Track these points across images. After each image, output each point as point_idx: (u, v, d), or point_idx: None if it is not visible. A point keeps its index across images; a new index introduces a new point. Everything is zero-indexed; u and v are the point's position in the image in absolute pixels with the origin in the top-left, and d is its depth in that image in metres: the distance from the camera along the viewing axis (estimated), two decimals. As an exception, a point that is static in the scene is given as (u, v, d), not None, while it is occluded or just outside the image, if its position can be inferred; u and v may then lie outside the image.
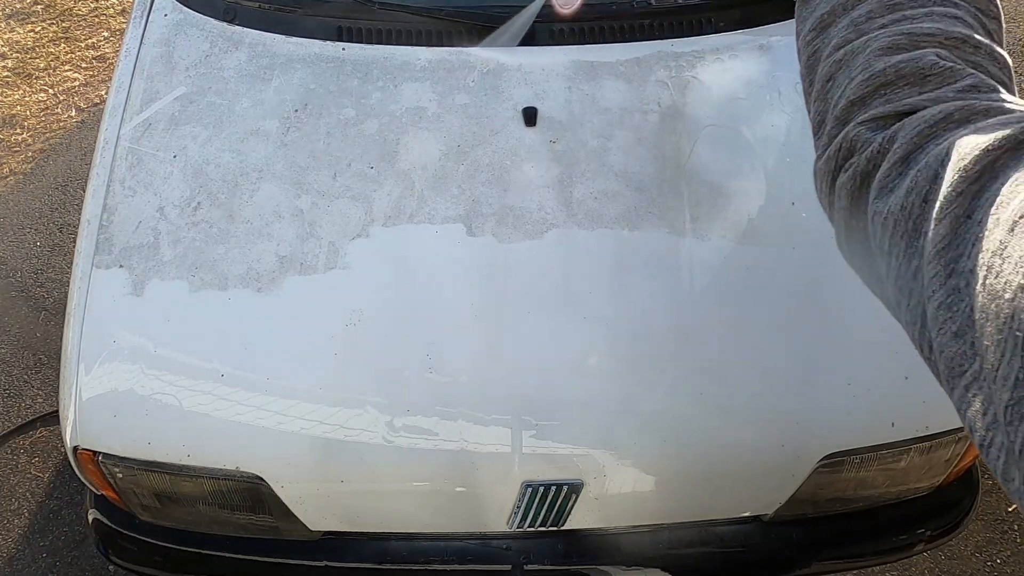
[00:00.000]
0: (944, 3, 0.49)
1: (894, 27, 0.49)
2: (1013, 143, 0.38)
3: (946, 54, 0.47)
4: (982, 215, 0.37)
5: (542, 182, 1.21)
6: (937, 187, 0.40)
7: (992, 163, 0.38)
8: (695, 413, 1.07)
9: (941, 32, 0.48)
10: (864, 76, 0.48)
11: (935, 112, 0.43)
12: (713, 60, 1.33)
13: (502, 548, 1.24)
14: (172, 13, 1.42)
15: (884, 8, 0.50)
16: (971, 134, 0.41)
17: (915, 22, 0.49)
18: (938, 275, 0.38)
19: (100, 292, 1.14)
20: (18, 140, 2.92)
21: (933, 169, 0.41)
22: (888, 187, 0.44)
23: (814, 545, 1.27)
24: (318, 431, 1.05)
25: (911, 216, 0.41)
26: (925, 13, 0.49)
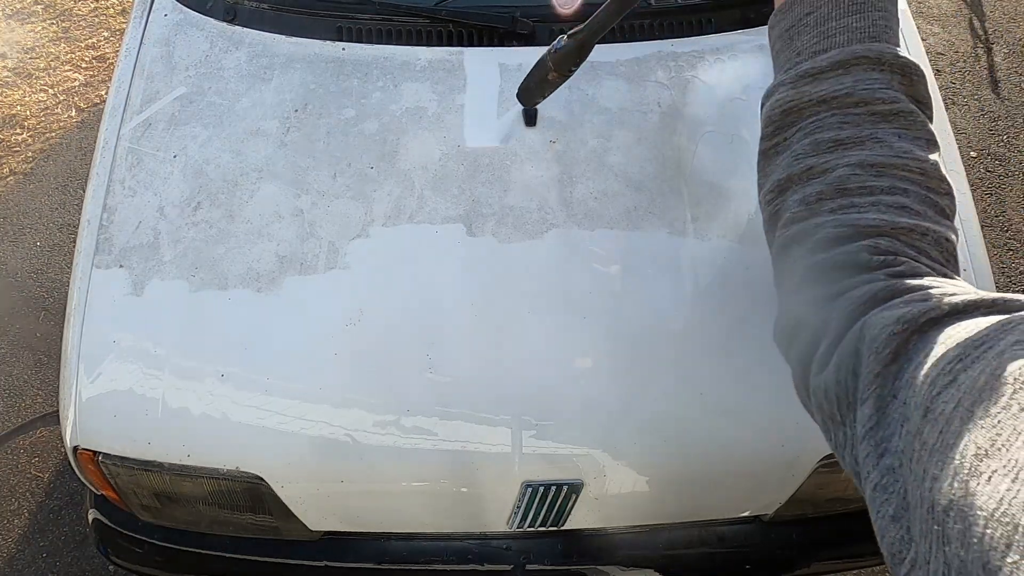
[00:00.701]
0: (893, 191, 0.50)
1: (842, 215, 0.51)
2: (915, 325, 0.40)
3: (884, 244, 0.48)
4: (905, 396, 0.38)
5: (542, 182, 1.21)
6: (859, 361, 0.43)
7: (904, 343, 0.40)
8: (695, 413, 1.07)
9: (886, 223, 0.49)
10: (809, 263, 0.52)
11: (861, 293, 0.46)
12: (713, 60, 1.33)
13: (502, 548, 1.24)
14: (172, 13, 1.42)
15: (834, 191, 0.52)
16: (880, 312, 0.43)
17: (862, 211, 0.50)
18: (870, 455, 0.39)
19: (100, 292, 1.14)
20: (18, 140, 2.92)
21: (853, 345, 0.44)
22: (824, 364, 0.47)
23: (814, 545, 1.27)
24: (318, 431, 1.05)
25: (848, 389, 0.43)
26: (872, 203, 0.50)
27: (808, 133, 0.55)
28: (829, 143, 0.53)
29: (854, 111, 0.53)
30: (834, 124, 0.54)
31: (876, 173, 0.51)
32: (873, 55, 0.53)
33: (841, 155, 0.53)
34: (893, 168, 0.51)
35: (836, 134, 0.53)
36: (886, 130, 0.52)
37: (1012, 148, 2.75)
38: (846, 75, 0.54)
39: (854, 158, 0.52)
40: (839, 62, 0.54)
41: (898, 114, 0.53)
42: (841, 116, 0.54)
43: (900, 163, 0.51)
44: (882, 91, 0.53)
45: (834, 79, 0.54)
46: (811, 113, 0.55)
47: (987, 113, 2.84)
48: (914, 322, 0.41)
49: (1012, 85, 2.96)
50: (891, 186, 0.51)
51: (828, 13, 0.55)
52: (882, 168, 0.51)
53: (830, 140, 0.53)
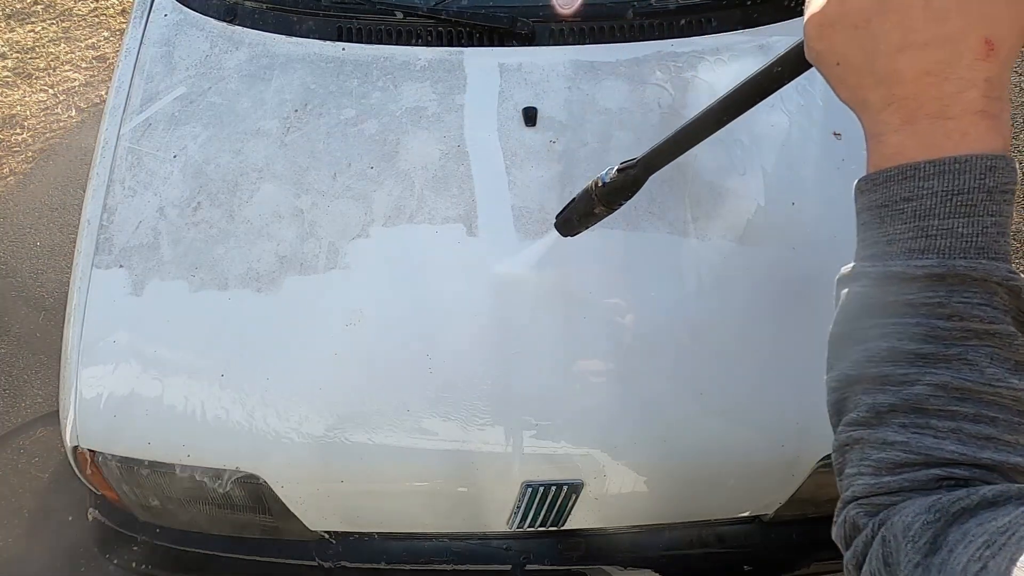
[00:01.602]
0: (977, 419, 0.45)
1: (914, 435, 0.46)
2: (947, 515, 0.39)
3: (960, 474, 0.44)
4: None
5: (542, 182, 1.21)
6: (889, 550, 0.42)
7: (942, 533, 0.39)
8: (695, 413, 1.07)
9: (966, 457, 0.44)
10: (871, 482, 0.47)
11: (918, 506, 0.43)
12: (713, 60, 1.33)
13: (502, 548, 1.24)
14: (172, 13, 1.42)
15: (909, 408, 0.46)
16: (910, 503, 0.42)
17: (938, 438, 0.45)
18: None
19: (100, 292, 1.14)
20: (18, 140, 2.92)
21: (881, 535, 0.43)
22: None
23: (814, 545, 1.27)
24: (318, 431, 1.05)
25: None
26: (952, 429, 0.45)
27: (887, 336, 0.49)
28: (910, 355, 0.47)
29: (943, 324, 0.47)
30: (918, 335, 0.47)
31: (960, 397, 0.45)
32: (977, 274, 0.46)
33: (922, 370, 0.47)
34: (981, 394, 0.45)
35: (919, 347, 0.47)
36: (978, 350, 0.46)
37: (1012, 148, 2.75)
38: (940, 285, 0.47)
39: (937, 378, 0.46)
40: (935, 275, 0.47)
41: (995, 335, 0.46)
42: (928, 327, 0.47)
43: (990, 391, 0.45)
44: (980, 308, 0.46)
45: (926, 287, 0.47)
46: (895, 313, 0.48)
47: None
48: (945, 511, 0.40)
49: (1012, 85, 2.96)
50: (976, 413, 0.45)
51: (931, 207, 0.47)
52: (967, 393, 0.45)
53: (911, 352, 0.47)
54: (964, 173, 0.46)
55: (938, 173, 0.46)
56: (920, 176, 0.47)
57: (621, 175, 0.92)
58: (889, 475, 0.46)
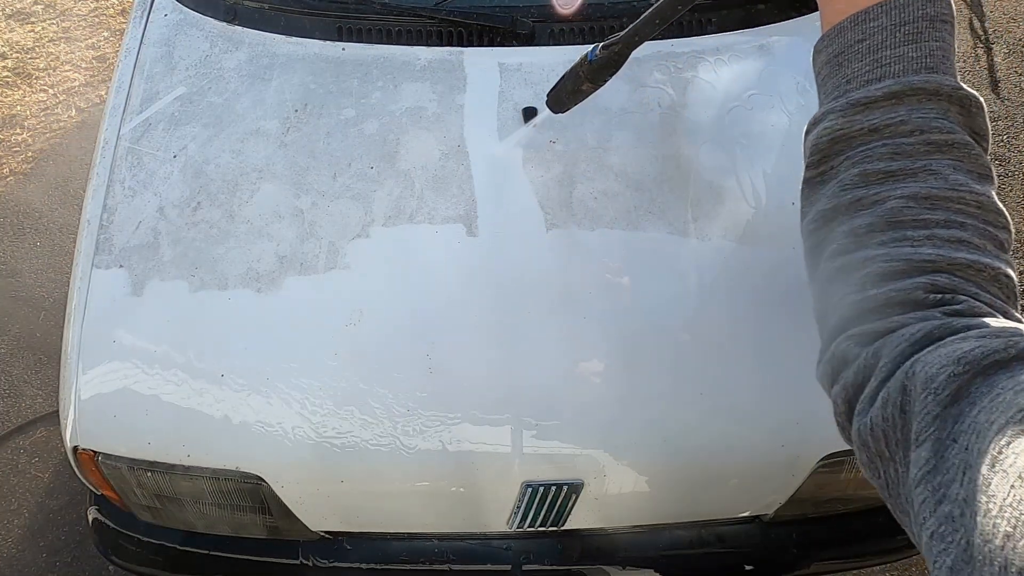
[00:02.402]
0: (948, 224, 0.48)
1: (894, 248, 0.49)
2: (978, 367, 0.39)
3: (943, 281, 0.46)
4: (968, 442, 0.37)
5: (542, 182, 1.21)
6: (908, 399, 0.41)
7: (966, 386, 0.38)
8: (695, 413, 1.07)
9: (942, 258, 0.47)
10: (857, 299, 0.49)
11: (915, 331, 0.44)
12: (713, 60, 1.33)
13: (502, 548, 1.24)
14: (172, 13, 1.42)
15: (885, 224, 0.50)
16: (936, 350, 0.41)
17: (916, 245, 0.48)
18: (927, 501, 0.37)
19: (100, 292, 1.14)
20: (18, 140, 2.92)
21: (900, 382, 0.42)
22: (870, 403, 0.45)
23: (814, 545, 1.27)
24: (318, 431, 1.05)
25: (896, 426, 0.42)
26: (927, 236, 0.48)
27: (857, 163, 0.53)
28: (879, 174, 0.51)
29: (907, 141, 0.51)
30: (885, 154, 0.51)
31: (930, 206, 0.49)
32: (931, 87, 0.51)
33: (892, 187, 0.50)
34: (948, 201, 0.49)
35: (887, 165, 0.51)
36: (940, 161, 0.50)
37: (1012, 148, 2.75)
38: (900, 105, 0.52)
39: (907, 190, 0.50)
40: (893, 92, 0.52)
41: (953, 145, 0.50)
42: (893, 146, 0.51)
43: (956, 196, 0.49)
44: (938, 121, 0.51)
45: (888, 108, 0.52)
46: (861, 142, 0.53)
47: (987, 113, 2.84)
48: (977, 363, 0.39)
49: (1012, 85, 2.96)
50: (946, 219, 0.48)
51: (882, 41, 0.53)
52: (936, 201, 0.49)
53: (880, 171, 0.51)
54: (907, 7, 0.53)
55: (885, 12, 0.53)
56: (869, 18, 0.54)
57: (606, 52, 1.02)
58: (874, 288, 0.49)
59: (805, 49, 1.36)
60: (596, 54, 1.03)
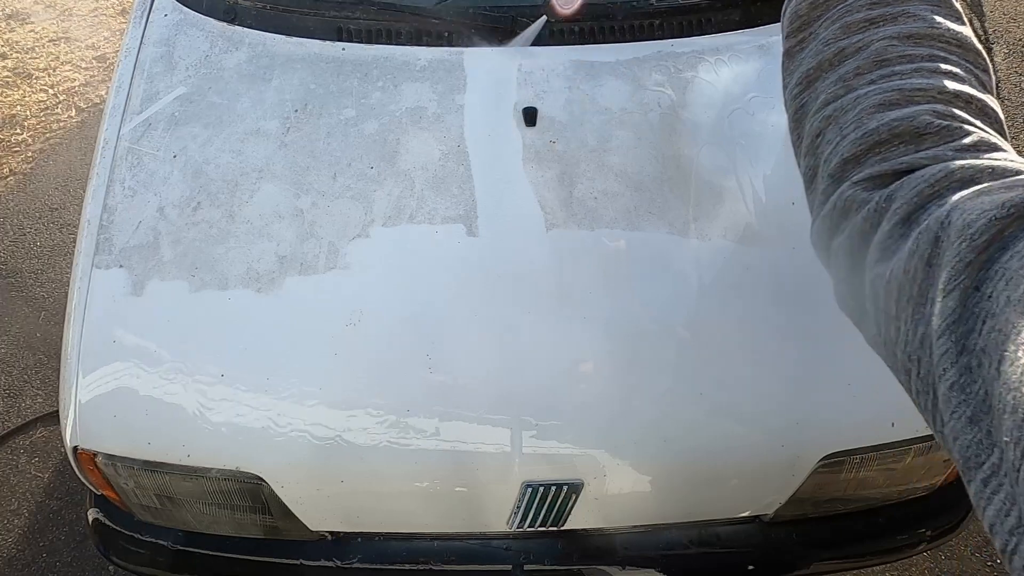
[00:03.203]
0: (933, 59, 0.49)
1: (884, 83, 0.48)
2: (1022, 211, 0.36)
3: (942, 109, 0.46)
4: (992, 289, 0.35)
5: (542, 182, 1.21)
6: (939, 250, 0.38)
7: (1000, 232, 0.36)
8: (695, 413, 1.07)
9: (933, 87, 0.47)
10: (857, 134, 0.48)
11: (935, 171, 0.42)
12: (713, 60, 1.33)
13: (502, 548, 1.24)
14: (172, 13, 1.42)
15: (872, 64, 0.50)
16: (975, 197, 0.39)
17: (905, 78, 0.48)
18: (948, 352, 0.36)
19: (100, 292, 1.14)
20: (18, 140, 2.92)
21: (934, 232, 0.39)
22: (889, 249, 0.42)
23: (814, 545, 1.27)
24: (318, 431, 1.05)
25: (915, 280, 0.39)
26: (914, 69, 0.48)
27: (836, 19, 0.53)
28: (861, 23, 0.52)
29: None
30: (864, 5, 0.52)
31: (914, 43, 0.49)
32: None
33: (875, 32, 0.51)
34: (930, 39, 0.49)
35: (867, 14, 0.52)
36: (918, 5, 0.51)
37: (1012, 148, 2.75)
38: None
39: (889, 31, 0.50)
40: None
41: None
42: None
43: (936, 33, 0.50)
44: None
45: None
46: (839, 1, 0.54)
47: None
48: (1020, 207, 0.36)
49: (1012, 85, 2.96)
50: (931, 54, 0.49)
51: None
52: (919, 39, 0.50)
53: (861, 20, 0.52)
54: None
55: None
56: None
57: None
58: (874, 120, 0.47)
59: (805, 49, 1.36)
60: None
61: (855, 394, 1.07)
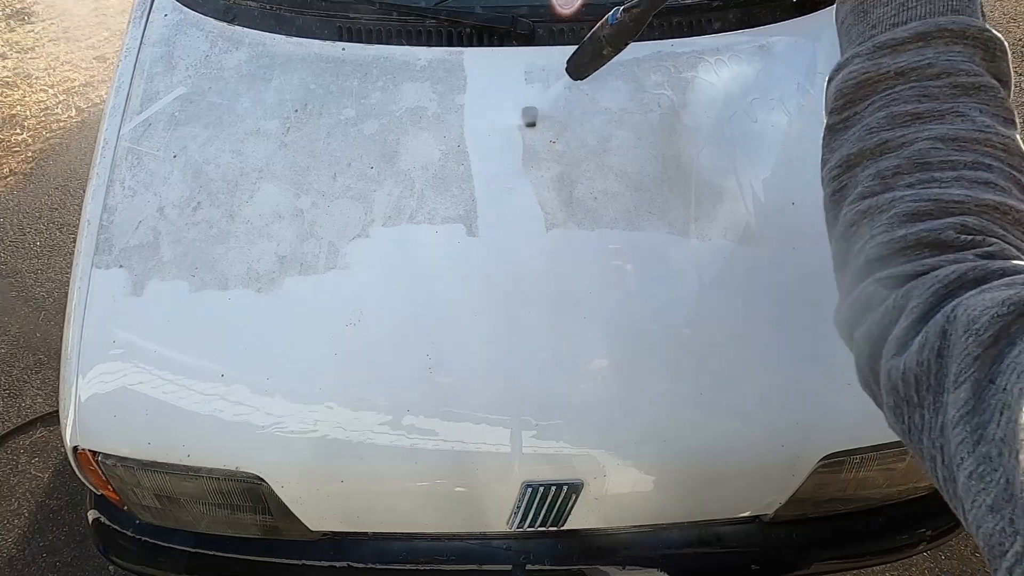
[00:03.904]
0: (976, 166, 0.48)
1: (922, 189, 0.48)
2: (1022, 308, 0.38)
3: (973, 223, 0.46)
4: (1006, 382, 0.36)
5: (542, 182, 1.21)
6: (947, 343, 0.40)
7: (1007, 327, 0.38)
8: (695, 413, 1.07)
9: (971, 199, 0.47)
10: (885, 239, 0.48)
11: (948, 272, 0.44)
12: (713, 60, 1.33)
13: (502, 548, 1.24)
14: (172, 13, 1.42)
15: (912, 166, 0.49)
16: (979, 294, 0.41)
17: (944, 186, 0.48)
18: (964, 441, 0.37)
19: (100, 292, 1.14)
20: (18, 140, 2.92)
21: (940, 325, 0.41)
22: (904, 345, 0.44)
23: (814, 545, 1.27)
24: (318, 431, 1.05)
25: (931, 371, 0.41)
26: (955, 177, 0.48)
27: (883, 106, 0.52)
28: (906, 116, 0.51)
29: (934, 84, 0.51)
30: (912, 97, 0.51)
31: (958, 147, 0.49)
32: (957, 28, 0.51)
33: (920, 129, 0.50)
34: (976, 143, 0.49)
35: (915, 107, 0.51)
36: (967, 104, 0.50)
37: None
38: (927, 47, 0.51)
39: (934, 132, 0.49)
40: (920, 34, 0.52)
41: (980, 88, 0.51)
42: (920, 88, 0.51)
43: (983, 138, 0.49)
44: (964, 64, 0.51)
45: (914, 51, 0.52)
46: (887, 86, 0.53)
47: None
48: (1021, 305, 0.38)
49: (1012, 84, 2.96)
50: (975, 161, 0.48)
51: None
52: (964, 143, 0.49)
53: (907, 113, 0.51)
54: None
55: None
56: None
57: (627, 14, 1.00)
58: (903, 228, 0.48)
59: (805, 49, 1.36)
60: (617, 17, 1.02)
61: (855, 394, 1.06)
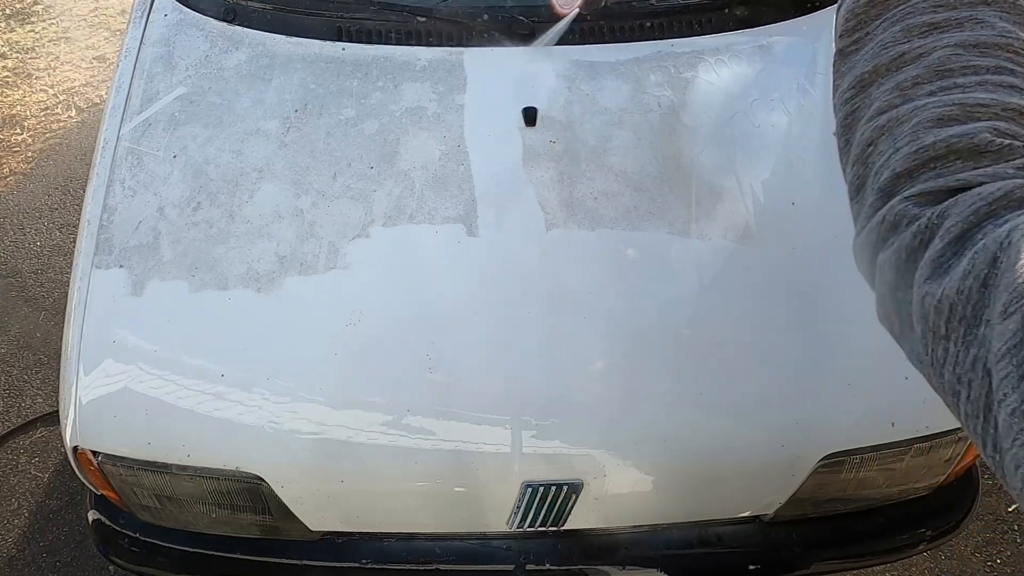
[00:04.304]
0: (999, 71, 0.46)
1: (945, 96, 0.46)
2: None
3: (1004, 127, 0.43)
4: None
5: (542, 182, 1.21)
6: (996, 272, 0.37)
7: None
8: (695, 413, 1.07)
9: (997, 103, 0.44)
10: (912, 148, 0.45)
11: (993, 189, 0.41)
12: (713, 60, 1.33)
13: (502, 548, 1.24)
14: (172, 13, 1.42)
15: (933, 74, 0.47)
16: None
17: (967, 91, 0.45)
18: (1009, 376, 0.35)
19: (100, 292, 1.14)
20: (18, 140, 2.92)
21: (992, 252, 0.38)
22: (942, 267, 0.40)
23: (814, 545, 1.27)
24: (318, 431, 1.05)
25: (970, 301, 0.38)
26: (978, 82, 0.46)
27: (897, 20, 0.50)
28: (923, 27, 0.49)
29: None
30: (928, 8, 0.49)
31: (980, 53, 0.46)
32: None
33: (938, 38, 0.48)
34: (998, 48, 0.46)
35: (931, 17, 0.48)
36: (986, 11, 0.48)
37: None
38: None
39: (953, 39, 0.47)
40: None
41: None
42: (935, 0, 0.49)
43: (1005, 43, 0.47)
44: None
45: None
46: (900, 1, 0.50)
47: None
48: None
49: (1012, 85, 2.96)
50: (997, 66, 0.46)
51: None
52: (986, 48, 0.46)
53: (924, 24, 0.49)
54: None
55: None
56: None
57: None
58: (931, 135, 0.45)
59: (805, 49, 1.36)
60: None
61: (855, 394, 1.07)
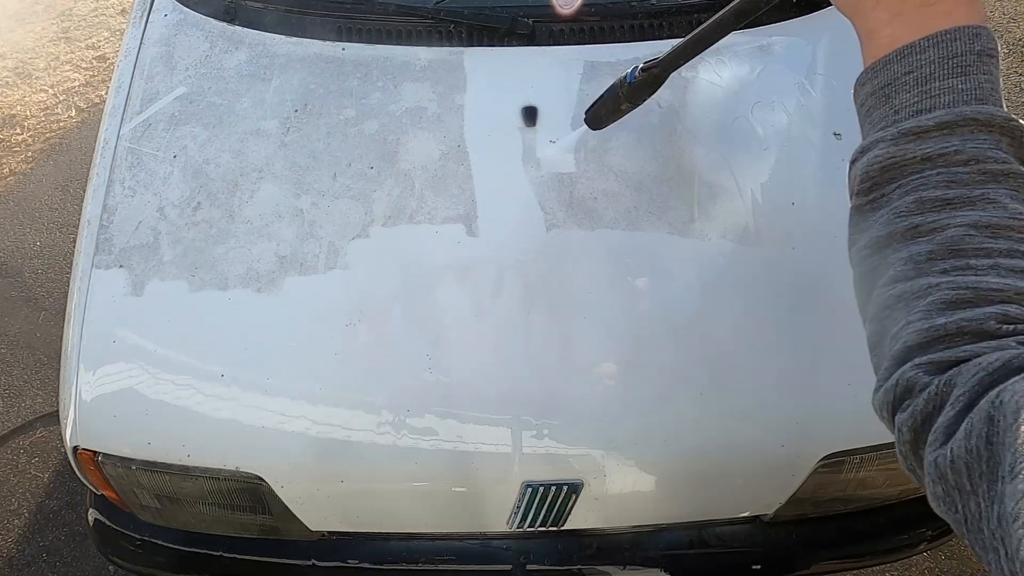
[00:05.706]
0: (1011, 254, 0.48)
1: (958, 276, 0.48)
2: None
3: (1013, 311, 0.46)
4: None
5: (542, 182, 1.21)
6: (996, 430, 0.40)
7: None
8: (695, 413, 1.07)
9: (1009, 288, 0.46)
10: (924, 326, 0.48)
11: (993, 359, 0.43)
12: (713, 60, 1.33)
13: (502, 548, 1.24)
14: (172, 13, 1.42)
15: (946, 252, 0.49)
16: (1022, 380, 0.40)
17: (980, 274, 0.47)
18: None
19: (100, 292, 1.14)
20: (18, 140, 2.92)
21: (986, 412, 0.41)
22: (950, 435, 0.43)
23: (814, 545, 1.27)
24: (318, 431, 1.05)
25: (981, 458, 0.41)
26: (991, 266, 0.48)
27: (911, 191, 0.52)
28: (936, 202, 0.51)
29: (962, 170, 0.51)
30: (941, 183, 0.51)
31: (992, 235, 0.49)
32: (983, 117, 0.51)
33: (951, 215, 0.50)
34: (1009, 230, 0.49)
35: (943, 193, 0.50)
36: (997, 190, 0.50)
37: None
38: (952, 135, 0.51)
39: (966, 218, 0.49)
40: (946, 123, 0.52)
41: (1009, 175, 0.50)
42: (948, 174, 0.51)
43: (1016, 225, 0.49)
44: (992, 151, 0.51)
45: (940, 137, 0.52)
46: (914, 171, 0.52)
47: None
48: None
49: (1012, 85, 2.96)
50: (1009, 248, 0.48)
51: (931, 73, 0.53)
52: (998, 230, 0.49)
53: (937, 199, 0.51)
54: (955, 41, 0.53)
55: (933, 45, 0.53)
56: (917, 51, 0.54)
57: (645, 74, 1.05)
58: (942, 316, 0.47)
59: (805, 50, 1.36)
60: (635, 76, 1.07)
61: (855, 394, 1.07)
